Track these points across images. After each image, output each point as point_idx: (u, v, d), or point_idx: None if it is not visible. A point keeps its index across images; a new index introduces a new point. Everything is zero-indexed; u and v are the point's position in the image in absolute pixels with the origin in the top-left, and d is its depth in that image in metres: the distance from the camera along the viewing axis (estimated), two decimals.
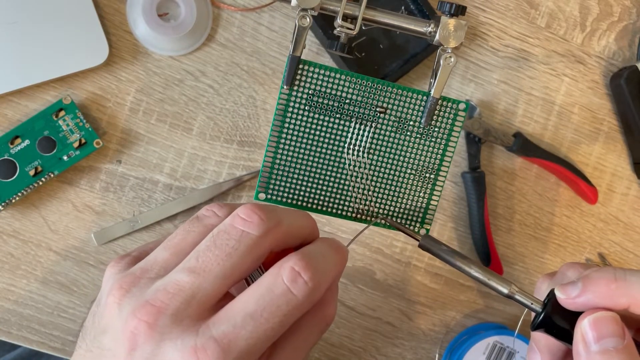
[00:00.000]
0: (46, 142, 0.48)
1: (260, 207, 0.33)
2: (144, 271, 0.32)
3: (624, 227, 0.57)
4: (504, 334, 0.53)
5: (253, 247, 0.31)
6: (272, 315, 0.30)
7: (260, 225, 0.32)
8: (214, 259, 0.31)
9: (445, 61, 0.41)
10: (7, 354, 0.70)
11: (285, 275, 0.31)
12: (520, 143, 0.53)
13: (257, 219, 0.32)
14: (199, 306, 0.30)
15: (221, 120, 0.52)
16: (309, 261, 0.31)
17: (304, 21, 0.40)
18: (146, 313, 0.29)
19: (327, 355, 0.55)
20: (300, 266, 0.31)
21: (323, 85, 0.42)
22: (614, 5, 0.55)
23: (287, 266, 0.31)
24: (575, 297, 0.33)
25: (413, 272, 0.55)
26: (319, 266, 0.32)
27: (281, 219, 0.33)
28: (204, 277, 0.30)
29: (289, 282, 0.31)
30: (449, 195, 0.55)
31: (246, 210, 0.32)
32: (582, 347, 0.32)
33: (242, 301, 0.30)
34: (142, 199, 0.51)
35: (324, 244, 0.35)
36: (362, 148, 0.43)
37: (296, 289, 0.31)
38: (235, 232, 0.32)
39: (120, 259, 0.34)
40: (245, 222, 0.32)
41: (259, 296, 0.30)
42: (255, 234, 0.32)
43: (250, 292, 0.31)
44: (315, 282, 0.31)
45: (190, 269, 0.31)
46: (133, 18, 0.50)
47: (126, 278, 0.32)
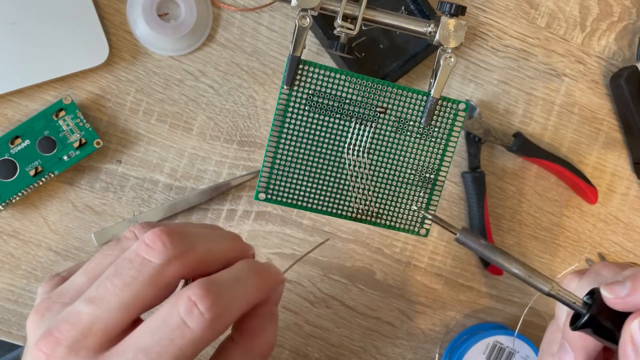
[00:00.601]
0: (46, 142, 0.48)
1: (168, 232, 0.30)
2: (59, 296, 0.31)
3: (624, 227, 0.57)
4: (504, 334, 0.53)
5: (155, 276, 0.30)
6: (165, 349, 0.28)
7: (163, 253, 0.30)
8: (112, 289, 0.29)
9: (445, 61, 0.41)
10: (7, 354, 0.70)
11: (180, 307, 0.29)
12: (520, 143, 0.53)
13: (160, 246, 0.30)
14: (96, 338, 0.29)
15: (221, 120, 0.52)
16: (210, 289, 0.29)
17: (304, 21, 0.40)
18: (45, 344, 0.29)
19: (327, 355, 0.55)
20: (197, 295, 0.29)
21: (323, 85, 0.42)
22: (613, 5, 0.55)
23: (184, 296, 0.29)
24: (624, 297, 0.32)
25: (413, 272, 0.55)
26: (224, 294, 0.30)
27: (193, 244, 0.31)
28: (102, 308, 0.29)
29: (184, 313, 0.29)
30: (449, 195, 0.55)
31: (151, 236, 0.30)
32: (631, 348, 0.32)
33: (137, 334, 0.29)
34: (142, 199, 0.51)
35: (243, 267, 0.32)
36: (362, 148, 0.43)
37: (191, 320, 0.28)
38: (136, 260, 0.30)
39: (51, 279, 0.33)
40: (148, 249, 0.30)
41: (153, 329, 0.29)
42: (156, 262, 0.30)
43: (146, 324, 0.29)
44: (214, 313, 0.29)
45: (90, 299, 0.29)
46: (133, 18, 0.50)
47: (44, 302, 0.31)
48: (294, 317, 0.54)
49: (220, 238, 0.34)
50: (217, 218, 0.52)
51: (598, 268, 0.37)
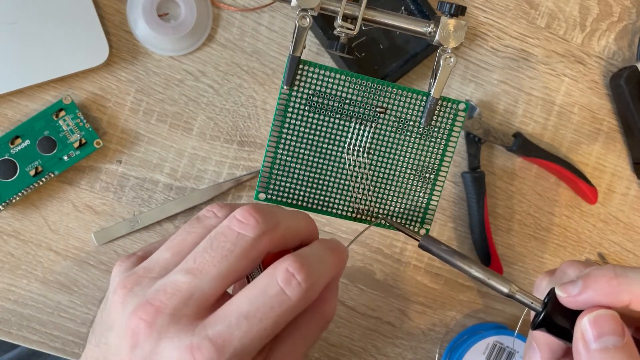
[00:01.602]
0: (46, 142, 0.48)
1: (257, 209, 0.33)
2: (146, 271, 0.33)
3: (624, 227, 0.57)
4: (504, 334, 0.53)
5: (249, 249, 0.32)
6: (266, 315, 0.31)
7: (256, 228, 0.32)
8: (210, 261, 0.31)
9: (445, 61, 0.41)
10: (6, 353, 0.70)
11: (279, 277, 0.31)
12: (520, 143, 0.53)
13: (253, 222, 0.32)
14: (196, 306, 0.31)
15: (221, 120, 0.52)
16: (304, 262, 0.32)
17: (304, 21, 0.40)
18: (145, 312, 0.30)
19: (327, 355, 0.55)
20: (294, 267, 0.31)
21: (323, 86, 0.42)
22: (613, 5, 0.55)
23: (281, 267, 0.31)
24: (575, 296, 0.33)
25: (413, 272, 0.55)
26: (314, 267, 0.32)
27: (279, 221, 0.34)
28: (201, 278, 0.31)
29: (283, 283, 0.31)
30: (449, 195, 0.55)
31: (243, 212, 0.32)
32: (581, 345, 0.33)
33: (237, 301, 0.31)
34: (142, 199, 0.51)
35: (321, 245, 0.35)
36: (362, 148, 0.43)
37: (290, 290, 0.31)
38: (231, 234, 0.32)
39: (126, 259, 0.35)
40: (241, 224, 0.32)
41: (253, 297, 0.31)
42: (250, 236, 0.32)
43: (245, 292, 0.31)
44: (309, 284, 0.31)
45: (187, 269, 0.31)
46: (133, 18, 0.50)
47: (130, 277, 0.33)
48: None
49: (298, 217, 0.36)
50: None
51: (564, 267, 0.38)
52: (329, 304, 0.35)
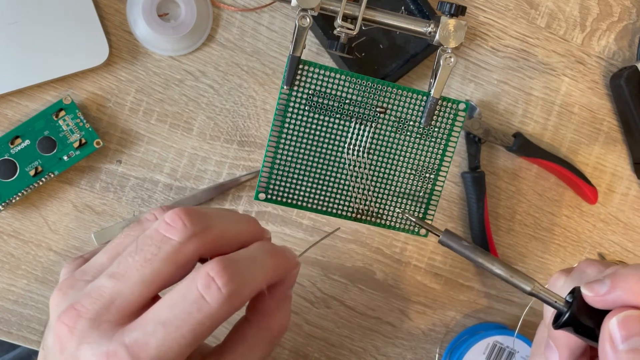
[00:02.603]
0: (46, 142, 0.48)
1: (187, 212, 0.31)
2: (82, 274, 0.32)
3: (624, 227, 0.57)
4: (504, 334, 0.53)
5: (174, 253, 0.31)
6: (184, 322, 0.29)
7: (183, 231, 0.31)
8: (132, 265, 0.30)
9: (445, 61, 0.41)
10: (6, 354, 0.70)
11: (199, 282, 0.30)
12: (520, 143, 0.53)
13: (180, 224, 0.31)
14: (118, 312, 0.30)
15: (221, 120, 0.52)
16: (227, 266, 0.30)
17: (304, 21, 0.40)
18: (68, 317, 0.30)
19: (327, 355, 0.55)
20: (215, 271, 0.30)
21: (323, 86, 0.42)
22: (613, 5, 0.55)
23: (202, 271, 0.30)
24: (603, 295, 0.33)
25: (413, 272, 0.55)
26: (241, 272, 0.31)
27: (211, 224, 0.32)
28: (123, 283, 0.30)
29: (202, 288, 0.30)
30: (449, 195, 0.55)
31: (172, 215, 0.31)
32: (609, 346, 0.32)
33: (157, 308, 0.30)
34: (142, 199, 0.51)
35: (259, 248, 0.33)
36: (362, 148, 0.43)
37: (209, 295, 0.30)
38: (157, 237, 0.31)
39: (74, 260, 0.34)
40: (168, 227, 0.31)
41: (172, 303, 0.30)
42: (176, 240, 0.31)
43: (166, 298, 0.30)
44: (231, 289, 0.30)
45: (111, 274, 0.31)
46: (133, 18, 0.50)
47: (67, 280, 0.32)
48: (294, 317, 0.54)
49: (237, 219, 0.34)
50: None
51: (583, 266, 0.37)
52: (274, 318, 0.34)
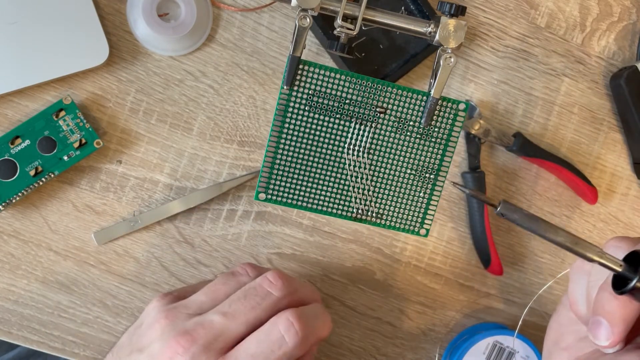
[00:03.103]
0: (46, 142, 0.48)
1: (283, 275, 0.41)
2: (185, 308, 0.40)
3: (624, 227, 0.57)
4: (504, 334, 0.53)
5: (273, 305, 0.39)
6: (267, 357, 0.37)
7: (282, 290, 0.40)
8: (242, 309, 0.39)
9: (445, 61, 0.41)
10: (5, 353, 0.70)
11: (280, 324, 0.38)
12: (520, 143, 0.53)
13: (280, 284, 0.40)
14: (224, 343, 0.38)
15: (221, 121, 0.52)
16: (302, 315, 0.39)
17: (304, 21, 0.40)
18: (185, 340, 0.38)
19: (327, 355, 0.55)
20: (293, 317, 0.38)
21: (323, 86, 0.42)
22: (613, 5, 0.55)
23: (283, 316, 0.38)
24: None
25: (413, 272, 0.55)
26: (309, 322, 0.39)
27: (297, 287, 0.41)
28: (232, 321, 0.38)
29: (283, 329, 0.38)
30: (449, 195, 0.55)
31: (274, 275, 0.40)
32: None
33: (246, 343, 0.38)
34: (142, 199, 0.51)
35: (317, 307, 0.42)
36: (362, 148, 0.43)
37: (288, 336, 0.38)
38: (262, 291, 0.40)
39: (164, 296, 0.42)
40: (271, 284, 0.40)
41: (258, 340, 0.38)
42: (276, 295, 0.40)
43: (254, 335, 0.38)
44: (304, 334, 0.38)
45: (223, 312, 0.39)
46: (133, 18, 0.50)
47: (171, 311, 0.40)
48: None
49: (308, 287, 0.44)
50: (217, 218, 0.52)
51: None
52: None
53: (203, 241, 0.52)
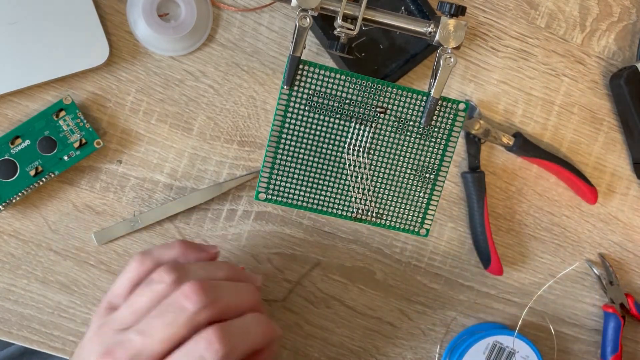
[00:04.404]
0: (47, 142, 0.48)
1: (201, 286, 0.39)
2: (113, 322, 0.40)
3: (624, 227, 0.57)
4: (504, 334, 0.53)
5: (189, 320, 0.38)
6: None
7: (197, 303, 0.38)
8: (158, 326, 0.38)
9: (445, 61, 0.41)
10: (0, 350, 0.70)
11: (200, 344, 0.38)
12: (520, 143, 0.53)
13: (195, 298, 0.38)
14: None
15: (221, 121, 0.52)
16: (224, 332, 0.38)
17: (304, 21, 0.40)
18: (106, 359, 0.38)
19: (327, 355, 0.55)
20: (214, 336, 0.38)
21: (323, 86, 0.42)
22: (613, 5, 0.55)
23: (203, 335, 0.38)
24: None
25: (413, 272, 0.55)
26: (234, 337, 0.39)
27: (219, 297, 0.40)
28: (149, 339, 0.38)
29: (203, 348, 0.38)
30: (449, 195, 0.55)
31: (188, 288, 0.39)
32: None
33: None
34: (142, 199, 0.51)
35: (252, 319, 0.41)
36: (362, 148, 0.43)
37: (208, 355, 0.37)
38: (177, 306, 0.39)
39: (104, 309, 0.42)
40: (186, 298, 0.39)
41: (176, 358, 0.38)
42: (191, 310, 0.38)
43: (175, 355, 0.38)
44: (227, 350, 0.38)
45: (140, 331, 0.39)
46: (133, 18, 0.50)
47: (101, 328, 0.41)
48: (294, 317, 0.54)
49: (239, 292, 0.42)
50: (217, 218, 0.52)
51: None
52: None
53: (203, 241, 0.52)
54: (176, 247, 0.44)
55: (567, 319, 0.57)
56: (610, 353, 0.56)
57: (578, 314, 0.57)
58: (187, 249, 0.44)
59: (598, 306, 0.57)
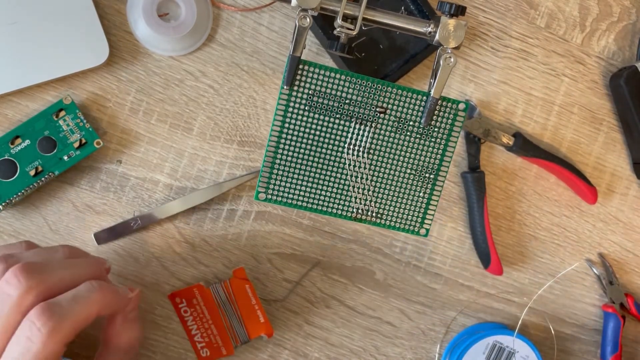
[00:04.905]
0: (46, 142, 0.48)
1: (22, 269, 0.38)
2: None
3: (624, 227, 0.57)
4: (504, 333, 0.53)
5: (16, 306, 0.37)
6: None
7: (20, 287, 0.37)
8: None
9: (445, 61, 0.41)
10: None
11: (25, 327, 0.37)
12: (520, 143, 0.53)
13: (15, 282, 0.37)
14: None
15: (221, 120, 0.52)
16: (46, 309, 0.37)
17: (304, 21, 0.40)
18: None
19: (327, 355, 0.55)
20: (36, 315, 0.37)
21: (323, 86, 0.42)
22: (613, 5, 0.55)
23: (27, 318, 0.37)
24: None
25: (413, 272, 0.55)
26: (60, 311, 0.37)
27: (46, 276, 0.39)
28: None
29: (27, 329, 0.37)
30: (449, 195, 0.55)
31: (9, 274, 0.38)
32: None
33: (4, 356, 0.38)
34: (142, 199, 0.51)
35: (84, 287, 0.40)
36: (362, 148, 0.43)
37: (34, 337, 0.37)
38: (2, 295, 0.37)
39: None
40: (7, 285, 0.38)
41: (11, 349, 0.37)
42: (15, 295, 0.37)
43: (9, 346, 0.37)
44: (50, 327, 0.37)
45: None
46: (133, 18, 0.50)
47: None
48: (294, 317, 0.54)
49: (73, 266, 0.41)
50: (217, 218, 0.52)
51: None
52: (123, 338, 0.43)
53: (203, 241, 0.52)
54: (17, 245, 0.43)
55: (567, 319, 0.57)
56: (610, 353, 0.56)
57: (578, 314, 0.57)
58: (30, 245, 0.43)
59: (598, 306, 0.57)
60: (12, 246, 0.43)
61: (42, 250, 0.42)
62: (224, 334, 0.51)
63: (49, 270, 0.39)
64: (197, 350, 0.51)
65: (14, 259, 0.40)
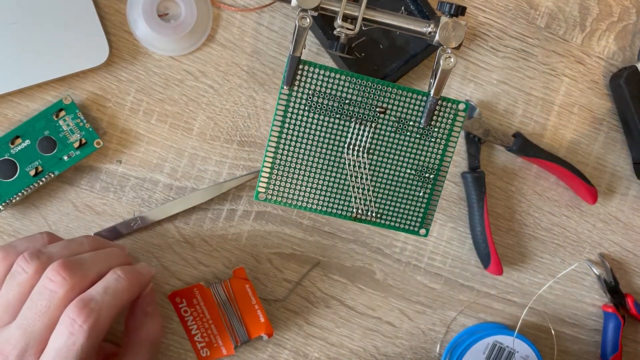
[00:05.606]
0: (46, 142, 0.48)
1: (64, 266, 0.39)
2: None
3: (624, 227, 0.57)
4: (504, 333, 0.53)
5: (62, 302, 0.39)
6: (66, 357, 0.39)
7: (64, 284, 0.39)
8: (34, 317, 0.39)
9: (445, 61, 0.41)
10: None
11: (65, 323, 0.39)
12: (520, 143, 0.53)
13: (60, 279, 0.39)
14: (33, 352, 0.39)
15: (221, 120, 0.52)
16: (83, 305, 0.39)
17: (304, 21, 0.40)
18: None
19: (327, 355, 0.55)
20: (74, 313, 0.39)
21: (323, 86, 0.42)
22: (613, 5, 0.55)
23: (65, 315, 0.39)
24: None
25: (413, 272, 0.55)
26: (96, 304, 0.39)
27: (86, 271, 0.41)
28: (31, 331, 0.39)
29: (70, 328, 0.38)
30: (449, 195, 0.55)
31: (51, 272, 0.39)
32: None
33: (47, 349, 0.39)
34: (142, 199, 0.51)
35: (111, 277, 0.41)
36: (362, 148, 0.43)
37: (76, 332, 0.38)
38: (46, 293, 0.39)
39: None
40: (52, 282, 0.39)
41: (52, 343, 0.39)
42: (61, 293, 0.39)
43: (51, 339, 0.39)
44: (91, 322, 0.39)
45: (19, 325, 0.39)
46: (133, 18, 0.50)
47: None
48: (294, 317, 0.54)
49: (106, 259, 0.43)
50: (217, 218, 0.52)
51: None
52: (143, 331, 0.45)
53: (203, 241, 0.52)
54: (39, 237, 0.44)
55: (567, 319, 0.57)
56: (610, 353, 0.56)
57: (578, 314, 0.57)
58: (51, 237, 0.44)
59: (598, 306, 0.57)
60: (34, 238, 0.44)
61: (69, 243, 0.43)
62: (224, 333, 0.51)
63: (88, 266, 0.41)
64: (197, 350, 0.51)
65: (46, 255, 0.41)
